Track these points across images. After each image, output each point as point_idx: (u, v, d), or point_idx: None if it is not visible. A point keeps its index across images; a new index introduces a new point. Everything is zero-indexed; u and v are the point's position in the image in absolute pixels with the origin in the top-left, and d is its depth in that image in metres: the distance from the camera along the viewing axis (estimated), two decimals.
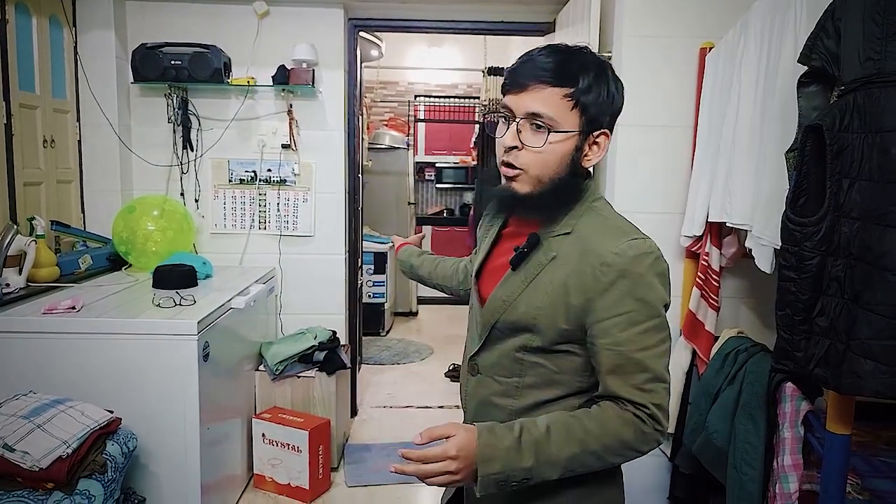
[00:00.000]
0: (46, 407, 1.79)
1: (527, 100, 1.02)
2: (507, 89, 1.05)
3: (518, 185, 1.06)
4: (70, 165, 2.81)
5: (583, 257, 1.03)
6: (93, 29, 2.81)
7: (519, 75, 1.02)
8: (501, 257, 1.15)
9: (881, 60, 1.24)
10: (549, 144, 1.02)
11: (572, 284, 1.03)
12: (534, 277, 1.07)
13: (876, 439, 2.02)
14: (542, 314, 1.05)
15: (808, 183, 1.34)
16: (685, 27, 2.27)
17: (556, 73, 1.00)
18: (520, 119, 1.03)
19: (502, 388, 1.12)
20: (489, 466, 0.96)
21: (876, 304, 1.21)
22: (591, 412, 1.02)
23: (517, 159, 1.04)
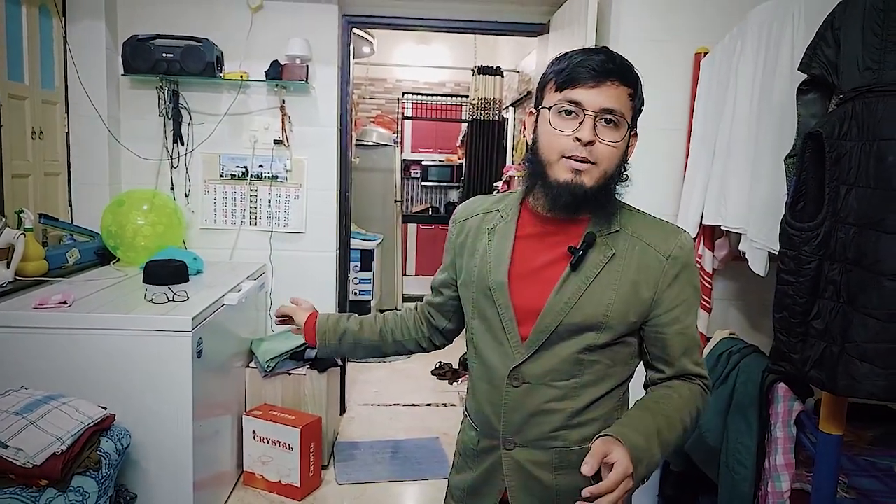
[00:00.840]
0: (39, 403, 1.76)
1: (603, 95, 1.04)
2: (575, 84, 1.04)
3: (586, 178, 1.06)
4: (58, 158, 2.77)
5: (645, 252, 1.10)
6: (83, 19, 2.76)
7: (593, 71, 1.04)
8: (530, 261, 1.13)
9: (879, 70, 1.27)
10: (624, 140, 1.07)
11: (642, 279, 1.09)
12: (596, 276, 1.09)
13: (859, 439, 2.08)
14: (612, 311, 1.08)
15: (808, 188, 1.37)
16: (680, 32, 2.30)
17: (625, 73, 1.06)
18: (596, 113, 1.04)
19: (560, 392, 1.12)
20: (639, 470, 0.97)
21: (871, 307, 1.25)
22: (673, 395, 1.10)
23: (592, 153, 1.05)
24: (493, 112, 5.47)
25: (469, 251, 1.20)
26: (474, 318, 1.19)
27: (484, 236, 1.19)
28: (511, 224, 1.17)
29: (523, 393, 1.12)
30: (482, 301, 1.16)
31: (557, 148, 1.06)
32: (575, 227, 1.12)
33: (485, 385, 1.17)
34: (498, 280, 1.13)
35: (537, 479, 1.14)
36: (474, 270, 1.18)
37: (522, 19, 3.14)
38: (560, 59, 1.09)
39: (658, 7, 2.32)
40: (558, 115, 1.06)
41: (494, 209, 1.21)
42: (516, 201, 1.19)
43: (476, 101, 5.48)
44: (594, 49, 1.09)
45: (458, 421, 3.60)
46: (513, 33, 3.28)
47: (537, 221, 1.15)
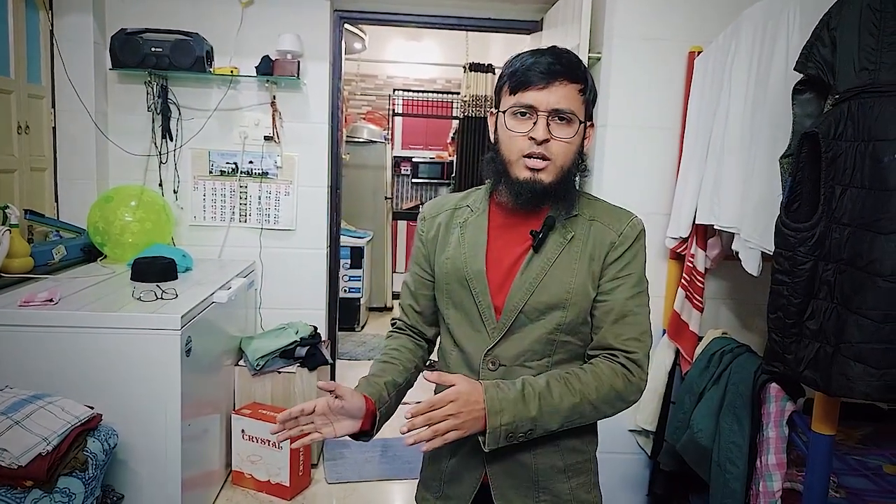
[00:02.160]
0: (25, 403, 1.73)
1: (553, 95, 1.11)
2: (526, 87, 1.11)
3: (544, 175, 1.13)
4: (44, 153, 2.72)
5: (600, 232, 1.18)
6: (70, 12, 2.72)
7: (541, 73, 1.11)
8: (502, 250, 1.20)
9: (876, 71, 1.27)
10: (577, 134, 1.14)
11: (595, 255, 1.17)
12: (557, 256, 1.16)
13: (848, 437, 2.09)
14: (574, 289, 1.15)
15: (803, 189, 1.37)
16: (674, 30, 2.30)
17: (573, 72, 1.13)
18: (548, 113, 1.11)
19: (534, 372, 1.16)
20: (499, 418, 1.06)
21: (866, 308, 1.25)
22: (585, 367, 1.15)
23: (548, 150, 1.12)
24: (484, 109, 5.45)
25: (441, 245, 1.25)
26: (449, 308, 1.23)
27: (455, 230, 1.24)
28: (483, 217, 1.23)
29: (499, 375, 1.17)
30: (458, 290, 1.21)
31: (516, 148, 1.13)
32: (539, 217, 1.19)
33: (464, 371, 1.20)
34: (475, 268, 1.19)
35: (516, 460, 1.18)
36: (447, 263, 1.22)
37: (515, 16, 3.13)
38: (512, 62, 1.16)
39: (652, 5, 2.31)
40: (513, 116, 1.13)
41: (462, 205, 1.27)
42: (483, 197, 1.25)
43: (467, 98, 5.46)
44: (542, 50, 1.15)
45: None
46: (505, 30, 3.26)
47: (505, 214, 1.21)
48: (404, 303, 1.34)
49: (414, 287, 1.31)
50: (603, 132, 2.37)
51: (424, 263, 1.29)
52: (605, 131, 2.35)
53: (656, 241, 2.36)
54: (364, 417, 1.13)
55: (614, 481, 2.51)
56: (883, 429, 2.13)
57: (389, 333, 1.35)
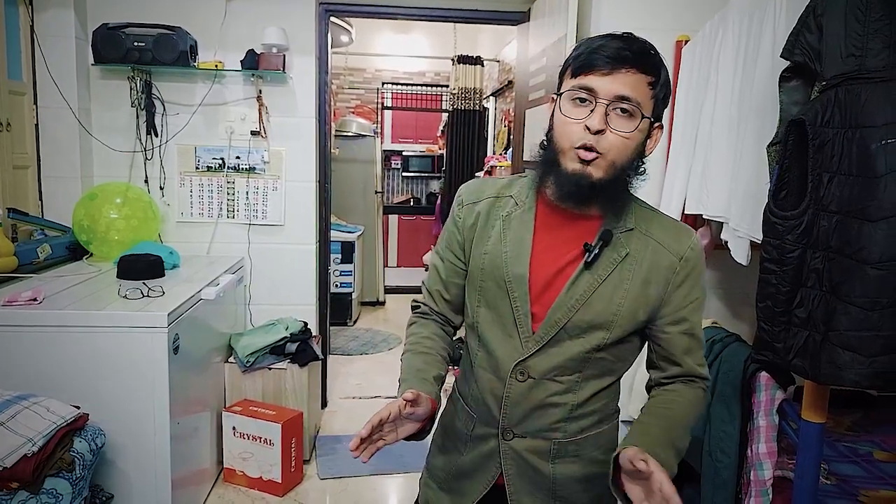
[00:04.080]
0: (9, 403, 1.71)
1: (618, 83, 0.99)
2: (589, 70, 1.00)
3: (594, 169, 1.02)
4: (27, 150, 2.69)
5: (657, 252, 1.09)
6: (51, 7, 2.68)
7: (607, 58, 0.99)
8: (547, 254, 1.10)
9: (862, 57, 1.26)
10: (639, 131, 1.02)
11: (653, 278, 1.08)
12: (608, 275, 1.07)
13: (838, 425, 2.10)
14: (622, 311, 1.07)
15: (790, 177, 1.37)
16: (661, 20, 2.29)
17: (645, 60, 1.01)
18: (609, 102, 0.99)
19: (564, 386, 1.11)
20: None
21: (854, 296, 1.25)
22: (679, 401, 1.11)
23: (599, 143, 1.00)
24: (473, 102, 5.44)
25: (479, 237, 1.14)
26: (480, 305, 1.14)
27: (497, 223, 1.13)
28: (529, 213, 1.12)
29: (527, 387, 1.10)
30: (493, 291, 1.12)
31: (568, 136, 1.02)
32: (590, 222, 1.09)
33: (489, 375, 1.14)
34: (518, 272, 1.09)
35: (535, 467, 1.14)
36: (485, 258, 1.12)
37: (503, 8, 3.11)
38: (580, 44, 1.05)
39: None
40: (571, 101, 1.02)
41: (506, 194, 1.15)
42: (529, 188, 1.14)
43: (456, 91, 5.44)
44: (616, 34, 1.03)
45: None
46: (493, 22, 3.25)
47: (553, 212, 1.11)
48: (432, 287, 1.23)
49: (445, 274, 1.21)
50: None
51: (459, 251, 1.18)
52: None
53: None
54: (424, 419, 1.08)
55: None
56: (873, 415, 2.14)
57: (415, 319, 1.25)
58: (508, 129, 4.67)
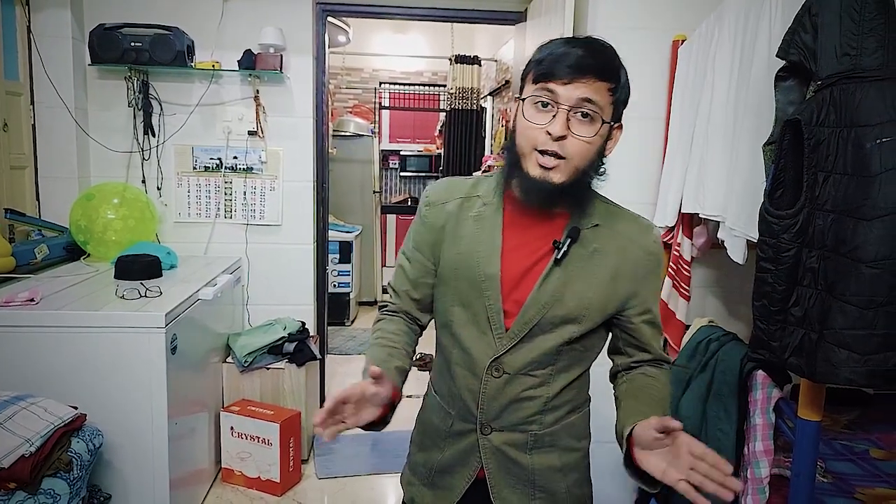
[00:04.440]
0: (7, 404, 1.71)
1: (579, 90, 1.02)
2: (550, 78, 1.03)
3: (555, 174, 1.05)
4: (24, 151, 2.68)
5: (624, 247, 1.13)
6: (47, 7, 2.68)
7: (568, 67, 1.01)
8: (517, 253, 1.13)
9: (857, 56, 1.27)
10: (599, 135, 1.05)
11: (622, 273, 1.13)
12: (578, 271, 1.11)
13: (834, 423, 2.10)
14: (592, 305, 1.11)
15: (786, 176, 1.37)
16: (658, 19, 2.29)
17: (604, 68, 1.03)
18: (571, 108, 1.02)
19: (538, 380, 1.14)
20: None
21: (849, 294, 1.25)
22: (657, 384, 1.17)
23: (563, 148, 1.03)
24: (470, 101, 5.44)
25: (451, 238, 1.16)
26: (454, 305, 1.16)
27: (468, 223, 1.15)
28: (498, 213, 1.14)
29: (503, 382, 1.14)
30: (467, 290, 1.14)
31: (531, 140, 1.05)
32: (557, 220, 1.13)
33: (465, 372, 1.16)
34: (490, 271, 1.11)
35: (514, 460, 1.18)
36: (458, 258, 1.14)
37: (500, 7, 3.11)
38: (542, 48, 1.07)
39: None
40: (533, 106, 1.05)
41: (473, 194, 1.18)
42: (496, 188, 1.17)
43: (454, 91, 5.44)
44: (577, 41, 1.06)
45: None
46: (490, 21, 3.25)
47: (520, 211, 1.14)
48: (399, 287, 1.24)
49: (414, 275, 1.22)
50: None
51: (428, 252, 1.20)
52: None
53: None
54: (384, 405, 1.06)
55: (604, 471, 2.50)
56: (869, 413, 2.15)
57: (381, 316, 1.26)
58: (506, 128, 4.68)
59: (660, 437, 0.94)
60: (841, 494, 1.73)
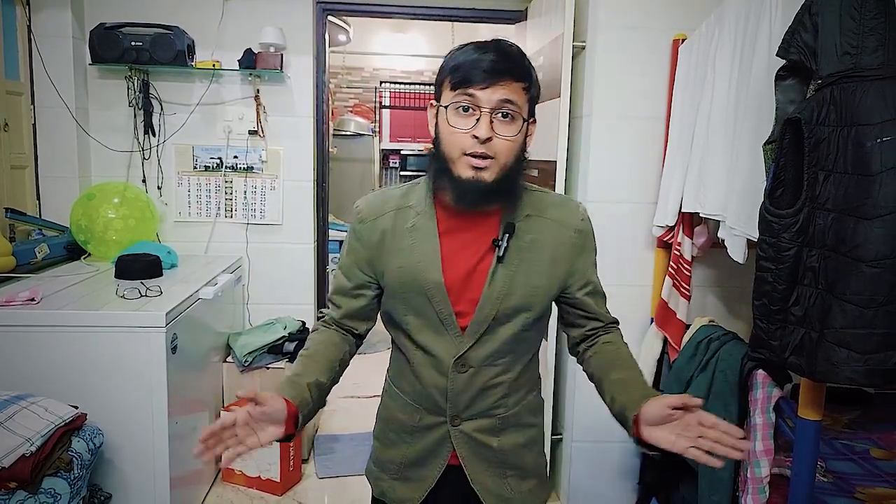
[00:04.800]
0: (7, 404, 1.71)
1: (497, 93, 1.07)
2: (468, 85, 1.07)
3: (486, 173, 1.09)
4: (25, 150, 2.69)
5: (556, 230, 1.20)
6: (47, 7, 2.68)
7: (484, 72, 1.06)
8: (457, 256, 1.17)
9: (857, 55, 1.27)
10: (520, 132, 1.11)
11: (558, 256, 1.19)
12: (519, 262, 1.16)
13: (835, 422, 2.10)
14: (539, 291, 1.18)
15: (786, 175, 1.37)
16: (658, 19, 2.29)
17: (517, 70, 1.09)
18: (492, 110, 1.07)
19: (500, 368, 1.21)
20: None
21: (850, 294, 1.25)
22: (622, 349, 1.23)
23: (490, 149, 1.08)
24: None
25: (390, 251, 1.19)
26: (408, 314, 1.20)
27: (405, 235, 1.18)
28: (431, 221, 1.18)
29: (469, 376, 1.19)
30: (416, 299, 1.17)
31: (458, 145, 1.09)
32: (490, 218, 1.17)
33: (430, 371, 1.20)
34: (433, 280, 1.15)
35: (485, 444, 1.23)
36: (401, 271, 1.18)
37: (500, 7, 3.11)
38: (454, 56, 1.11)
39: None
40: (455, 112, 1.09)
41: (404, 205, 1.20)
42: (425, 196, 1.19)
43: None
44: (486, 45, 1.10)
45: None
46: (490, 21, 3.24)
47: (453, 216, 1.18)
48: (338, 300, 1.26)
49: (350, 289, 1.24)
50: (588, 122, 2.36)
51: (366, 267, 1.22)
52: (591, 121, 2.34)
53: (643, 229, 2.36)
54: (286, 420, 1.06)
55: (604, 470, 2.51)
56: (870, 413, 2.15)
57: (315, 327, 1.29)
58: None
59: (673, 414, 1.00)
60: (841, 494, 1.73)
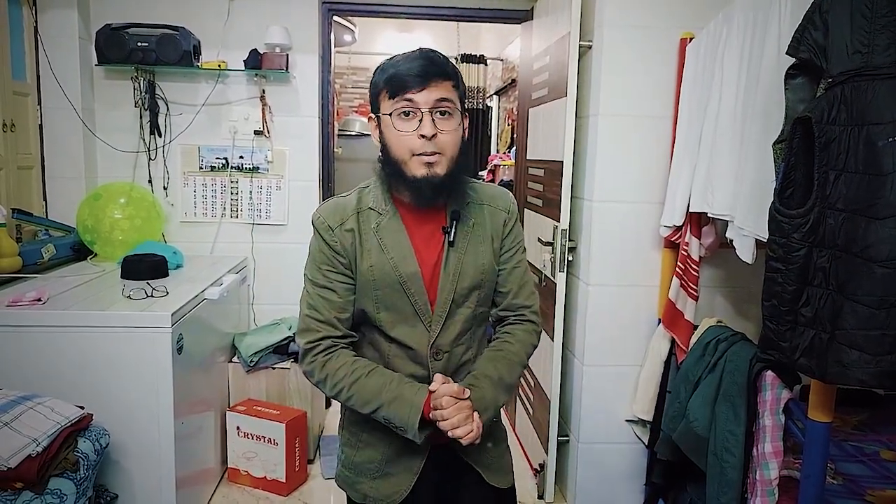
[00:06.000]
0: (14, 404, 1.71)
1: (434, 93, 1.18)
2: (405, 90, 1.17)
3: (438, 168, 1.20)
4: (31, 151, 2.69)
5: (493, 214, 1.33)
6: (54, 7, 2.68)
7: (417, 76, 1.17)
8: (424, 248, 1.27)
9: (868, 53, 1.25)
10: (459, 126, 1.22)
11: (495, 235, 1.33)
12: (467, 245, 1.29)
13: (845, 424, 2.09)
14: (486, 268, 1.30)
15: (796, 175, 1.35)
16: (665, 17, 2.27)
17: (445, 71, 1.20)
18: (431, 109, 1.18)
19: (466, 346, 1.33)
20: (486, 414, 1.25)
21: (861, 294, 1.24)
22: (510, 339, 1.35)
23: (437, 145, 1.19)
24: (476, 100, 5.43)
25: (361, 253, 1.24)
26: (380, 311, 1.26)
27: (371, 236, 1.25)
28: (396, 218, 1.27)
29: (444, 361, 1.29)
30: (389, 294, 1.25)
31: (407, 147, 1.19)
32: (441, 211, 1.29)
33: (407, 363, 1.29)
34: (409, 271, 1.24)
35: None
36: (372, 270, 1.24)
37: (506, 6, 3.10)
38: (386, 69, 1.22)
39: None
40: (399, 117, 1.19)
41: (364, 208, 1.27)
42: (383, 197, 1.27)
43: None
44: (413, 54, 1.21)
45: None
46: (496, 20, 3.24)
47: (413, 212, 1.28)
48: (329, 317, 1.25)
49: (340, 299, 1.26)
50: (595, 121, 2.35)
51: (347, 271, 1.25)
52: (598, 120, 2.33)
53: (650, 229, 2.35)
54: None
55: (612, 471, 2.50)
56: (880, 414, 2.13)
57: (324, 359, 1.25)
58: (512, 127, 4.66)
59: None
60: (851, 496, 1.71)
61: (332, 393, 1.25)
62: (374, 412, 1.22)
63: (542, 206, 2.73)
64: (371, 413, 1.22)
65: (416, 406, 1.19)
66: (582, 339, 2.44)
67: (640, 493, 2.50)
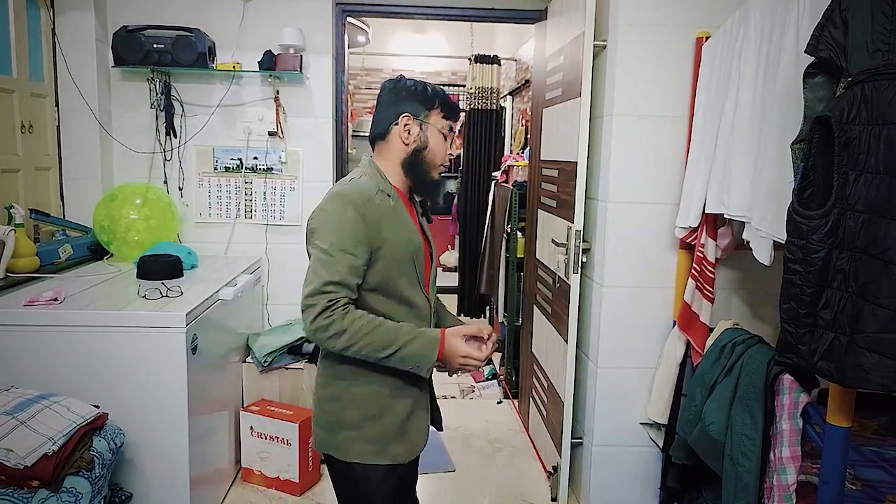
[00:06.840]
0: (30, 403, 1.73)
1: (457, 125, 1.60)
2: (454, 120, 1.57)
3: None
4: (49, 152, 2.72)
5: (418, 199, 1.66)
6: (71, 10, 2.71)
7: (459, 112, 1.59)
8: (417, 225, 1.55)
9: (889, 52, 1.23)
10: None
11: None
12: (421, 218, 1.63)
13: (864, 428, 2.05)
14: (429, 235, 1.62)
15: (815, 175, 1.33)
16: (681, 16, 2.25)
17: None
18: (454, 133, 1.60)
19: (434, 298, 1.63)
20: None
21: (881, 297, 1.21)
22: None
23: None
24: (490, 101, 5.41)
25: (391, 225, 1.45)
26: (400, 277, 1.47)
27: (391, 213, 1.46)
28: (401, 202, 1.52)
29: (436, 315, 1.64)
30: (405, 263, 1.48)
31: (442, 158, 1.56)
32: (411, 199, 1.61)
33: (416, 322, 1.49)
34: (418, 244, 1.51)
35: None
36: (401, 240, 1.46)
37: (519, 6, 3.09)
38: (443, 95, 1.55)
39: None
40: (441, 133, 1.54)
41: (378, 190, 1.47)
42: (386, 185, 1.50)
43: (473, 91, 5.41)
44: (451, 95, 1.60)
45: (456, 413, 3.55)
46: (510, 21, 3.23)
47: (405, 200, 1.56)
48: (352, 281, 1.39)
49: (361, 266, 1.41)
50: (609, 121, 2.33)
51: (369, 245, 1.41)
52: (612, 120, 2.31)
53: (665, 231, 2.32)
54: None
55: (626, 474, 2.48)
56: None
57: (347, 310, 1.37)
58: (526, 128, 4.64)
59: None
60: (870, 502, 1.69)
61: (347, 343, 1.35)
62: (391, 355, 1.38)
63: (555, 207, 2.71)
64: (387, 356, 1.38)
65: (436, 341, 1.42)
66: (596, 341, 2.42)
67: (654, 497, 2.48)
